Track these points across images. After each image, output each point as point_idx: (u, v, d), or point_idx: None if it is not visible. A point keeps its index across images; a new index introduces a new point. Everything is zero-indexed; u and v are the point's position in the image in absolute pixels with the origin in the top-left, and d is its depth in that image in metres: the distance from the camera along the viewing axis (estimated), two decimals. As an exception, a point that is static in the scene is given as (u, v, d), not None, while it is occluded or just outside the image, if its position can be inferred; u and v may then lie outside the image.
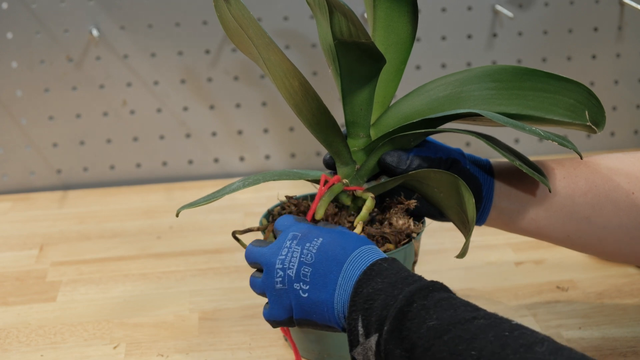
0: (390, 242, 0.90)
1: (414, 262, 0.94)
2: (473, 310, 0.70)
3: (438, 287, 0.73)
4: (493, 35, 1.52)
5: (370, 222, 0.93)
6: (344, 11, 0.81)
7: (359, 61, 0.87)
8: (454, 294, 0.73)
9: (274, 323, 0.83)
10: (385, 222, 0.92)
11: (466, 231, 0.87)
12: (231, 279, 1.18)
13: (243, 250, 0.98)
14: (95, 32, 1.42)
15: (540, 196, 0.91)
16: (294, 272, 0.79)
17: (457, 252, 0.85)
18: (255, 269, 0.85)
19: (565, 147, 0.83)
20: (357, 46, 0.84)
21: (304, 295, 0.79)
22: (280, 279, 0.80)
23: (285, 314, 0.81)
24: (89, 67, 1.46)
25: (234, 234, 0.94)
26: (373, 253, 0.79)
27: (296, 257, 0.79)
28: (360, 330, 0.74)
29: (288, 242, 0.81)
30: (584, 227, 0.91)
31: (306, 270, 0.79)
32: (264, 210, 1.00)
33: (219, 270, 1.21)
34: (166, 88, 1.49)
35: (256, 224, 0.99)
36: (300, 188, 1.16)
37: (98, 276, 1.20)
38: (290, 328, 0.90)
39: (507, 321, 0.68)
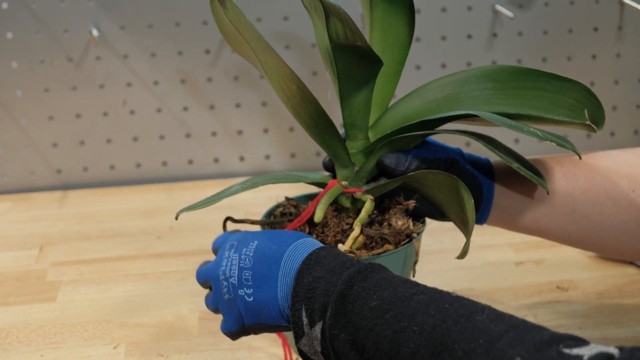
0: (389, 243, 0.90)
1: (415, 262, 0.94)
2: (412, 286, 0.70)
3: (376, 268, 0.74)
4: (493, 35, 1.52)
5: (369, 223, 0.93)
6: (340, 15, 0.81)
7: (355, 64, 0.87)
8: (392, 273, 0.74)
9: (231, 335, 0.83)
10: (385, 223, 0.92)
11: (466, 231, 0.87)
12: (231, 279, 1.18)
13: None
14: (95, 32, 1.42)
15: (540, 195, 0.91)
16: (236, 279, 0.79)
17: (458, 252, 0.85)
18: (208, 289, 0.86)
19: (564, 148, 0.83)
20: (353, 49, 0.84)
21: (249, 300, 0.79)
22: (225, 289, 0.80)
23: (238, 323, 0.81)
24: (89, 67, 1.46)
25: (226, 220, 0.94)
26: (309, 245, 0.79)
27: (235, 264, 0.80)
28: (305, 320, 0.74)
29: (226, 253, 0.82)
30: (585, 225, 0.91)
31: (247, 274, 0.79)
32: (264, 210, 1.00)
33: (219, 270, 1.21)
34: (166, 88, 1.49)
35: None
36: (301, 188, 1.16)
37: (98, 276, 1.20)
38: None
39: (446, 294, 0.68)
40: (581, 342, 0.60)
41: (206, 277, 0.85)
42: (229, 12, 0.82)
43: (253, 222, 0.96)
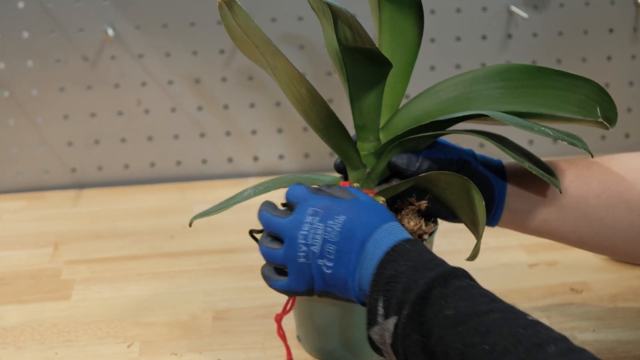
0: None
1: None
2: (490, 301, 0.71)
3: (459, 274, 0.74)
4: (508, 36, 1.52)
5: None
6: (348, 19, 0.81)
7: (365, 66, 0.86)
8: (474, 282, 0.74)
9: (292, 293, 0.84)
10: None
11: (477, 233, 0.87)
12: (244, 279, 1.18)
13: (255, 251, 0.98)
14: (110, 32, 1.43)
15: (552, 197, 0.91)
16: (318, 248, 0.80)
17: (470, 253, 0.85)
18: (269, 238, 0.86)
19: (576, 146, 0.82)
20: (362, 52, 0.84)
21: (327, 271, 0.80)
22: (303, 253, 0.81)
23: (306, 285, 0.82)
24: (104, 66, 1.47)
25: (250, 232, 0.95)
26: (395, 232, 0.80)
27: (319, 234, 0.80)
28: (380, 310, 0.75)
29: (309, 218, 0.81)
30: (597, 229, 0.90)
31: (330, 248, 0.80)
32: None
33: (231, 269, 1.21)
34: (180, 87, 1.50)
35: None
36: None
37: (111, 275, 1.21)
38: (299, 326, 0.90)
39: (523, 316, 0.68)
40: None
41: (278, 229, 0.84)
42: (237, 17, 0.82)
43: None
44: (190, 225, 0.90)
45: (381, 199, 0.90)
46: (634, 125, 1.60)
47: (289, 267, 0.83)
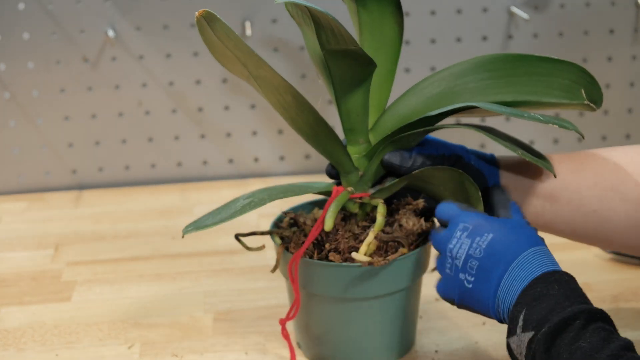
0: (402, 246, 0.90)
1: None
2: (622, 348, 0.72)
3: (606, 318, 0.75)
4: (508, 37, 1.52)
5: None
6: (329, 23, 0.80)
7: (349, 67, 0.86)
8: (615, 330, 0.75)
9: (445, 299, 0.87)
10: (395, 225, 0.92)
11: None
12: (245, 280, 1.18)
13: (257, 252, 0.99)
14: (111, 33, 1.43)
15: (546, 189, 0.91)
16: (461, 262, 0.82)
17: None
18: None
19: (567, 129, 0.83)
20: (346, 53, 0.84)
21: (468, 286, 0.82)
22: (449, 265, 0.84)
23: (451, 295, 0.85)
24: (105, 67, 1.47)
25: (236, 237, 0.95)
26: (541, 257, 0.80)
27: (464, 249, 0.82)
28: (520, 322, 0.76)
29: (458, 233, 0.84)
30: (592, 220, 0.91)
31: (473, 263, 0.81)
32: (277, 211, 1.01)
33: (233, 271, 1.21)
34: (181, 89, 1.50)
35: (268, 227, 1.00)
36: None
37: (113, 276, 1.21)
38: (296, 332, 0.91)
39: None
40: None
41: (435, 244, 0.87)
42: (217, 30, 0.82)
43: (263, 233, 0.97)
44: (183, 236, 0.89)
45: (380, 201, 0.90)
46: (635, 126, 1.60)
47: (442, 275, 0.86)
